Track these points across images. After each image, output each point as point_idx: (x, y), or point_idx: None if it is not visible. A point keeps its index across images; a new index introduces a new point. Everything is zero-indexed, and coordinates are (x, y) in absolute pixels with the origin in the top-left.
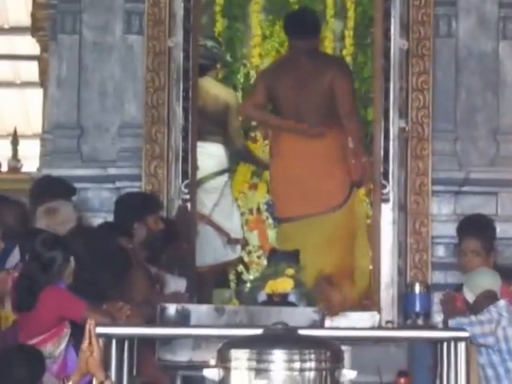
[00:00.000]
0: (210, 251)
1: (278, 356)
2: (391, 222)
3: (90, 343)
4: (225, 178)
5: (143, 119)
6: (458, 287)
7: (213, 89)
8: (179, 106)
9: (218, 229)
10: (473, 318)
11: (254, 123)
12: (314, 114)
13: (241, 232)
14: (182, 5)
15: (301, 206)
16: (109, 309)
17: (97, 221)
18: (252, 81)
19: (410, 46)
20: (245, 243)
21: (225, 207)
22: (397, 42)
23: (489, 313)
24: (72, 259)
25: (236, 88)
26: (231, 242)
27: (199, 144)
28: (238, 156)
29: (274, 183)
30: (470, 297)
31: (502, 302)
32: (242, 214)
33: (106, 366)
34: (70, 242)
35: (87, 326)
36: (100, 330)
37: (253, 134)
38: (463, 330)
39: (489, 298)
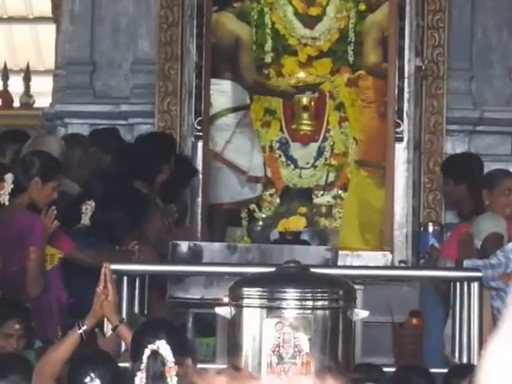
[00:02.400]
0: (225, 190)
1: (290, 294)
2: (405, 160)
3: (106, 287)
4: (238, 115)
5: (156, 56)
6: None
7: (229, 24)
8: (193, 42)
9: (233, 166)
10: (486, 260)
11: (267, 60)
12: None
13: (262, 170)
14: None
15: None
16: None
17: (107, 159)
18: (266, 17)
19: None
20: (266, 182)
21: (240, 144)
22: None
23: (496, 257)
24: (92, 201)
25: (250, 24)
26: (251, 180)
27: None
28: (252, 90)
29: None
30: (477, 242)
31: (509, 245)
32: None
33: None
34: (89, 184)
35: (103, 270)
36: (111, 266)
37: (266, 71)
38: (477, 270)
39: (494, 241)
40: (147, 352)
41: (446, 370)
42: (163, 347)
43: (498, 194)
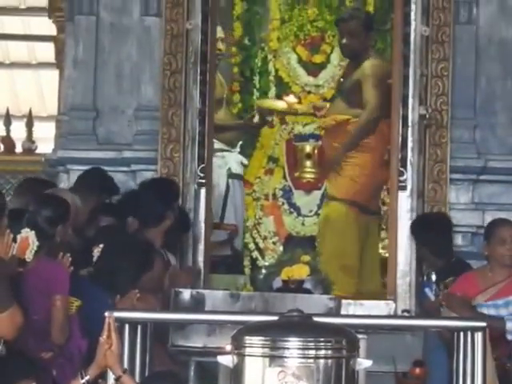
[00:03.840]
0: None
1: (293, 343)
2: (409, 209)
3: (109, 337)
4: None
5: (160, 102)
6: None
7: None
8: (196, 89)
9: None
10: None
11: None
12: None
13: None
14: None
15: None
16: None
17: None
18: (270, 65)
19: (429, 32)
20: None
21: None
22: (418, 28)
23: None
24: (99, 248)
25: (254, 72)
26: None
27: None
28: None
29: None
30: None
31: None
32: (258, 200)
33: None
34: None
35: (107, 320)
36: (113, 314)
37: (270, 119)
38: (481, 320)
39: None
40: None
41: None
42: None
43: (494, 244)
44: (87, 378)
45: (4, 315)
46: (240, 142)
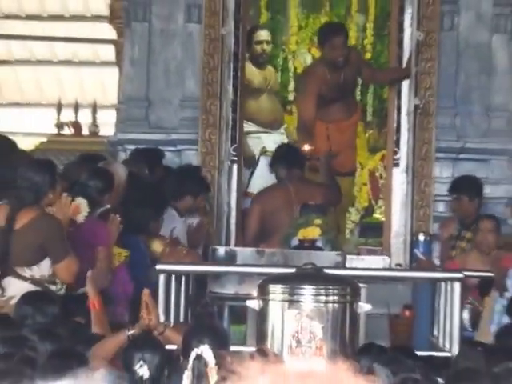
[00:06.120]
0: None
1: (307, 291)
2: (401, 182)
3: (148, 312)
4: None
5: (200, 94)
6: None
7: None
8: (230, 83)
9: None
10: None
11: (290, 98)
12: None
13: None
14: (233, 0)
15: None
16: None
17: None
18: (289, 63)
19: (421, 37)
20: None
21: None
22: (414, 34)
23: None
24: None
25: (276, 68)
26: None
27: None
28: None
29: None
30: None
31: None
32: None
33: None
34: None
35: (143, 297)
36: (162, 267)
37: (289, 107)
38: (458, 271)
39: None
40: (193, 355)
41: (431, 353)
42: (206, 352)
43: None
44: (132, 332)
45: (62, 264)
46: (284, 125)
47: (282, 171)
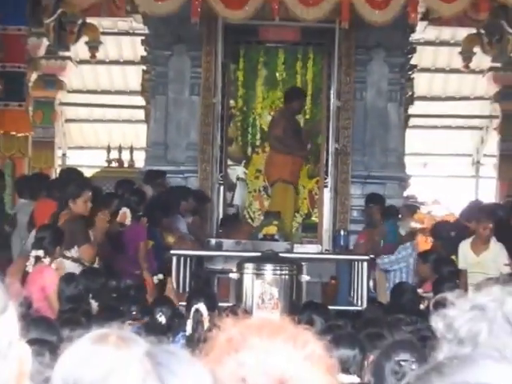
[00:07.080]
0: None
1: (268, 267)
2: (329, 198)
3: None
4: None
5: (199, 141)
6: None
7: None
8: (218, 134)
9: None
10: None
11: (257, 143)
12: None
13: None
14: (220, 81)
15: None
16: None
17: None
18: (256, 121)
19: (341, 104)
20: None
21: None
22: (334, 103)
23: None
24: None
25: (248, 125)
26: None
27: None
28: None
29: None
30: None
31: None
32: (251, 192)
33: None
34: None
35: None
36: (174, 252)
37: (256, 150)
38: (366, 255)
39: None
40: (193, 309)
41: (349, 308)
42: (202, 307)
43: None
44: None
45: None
46: (244, 161)
47: None
